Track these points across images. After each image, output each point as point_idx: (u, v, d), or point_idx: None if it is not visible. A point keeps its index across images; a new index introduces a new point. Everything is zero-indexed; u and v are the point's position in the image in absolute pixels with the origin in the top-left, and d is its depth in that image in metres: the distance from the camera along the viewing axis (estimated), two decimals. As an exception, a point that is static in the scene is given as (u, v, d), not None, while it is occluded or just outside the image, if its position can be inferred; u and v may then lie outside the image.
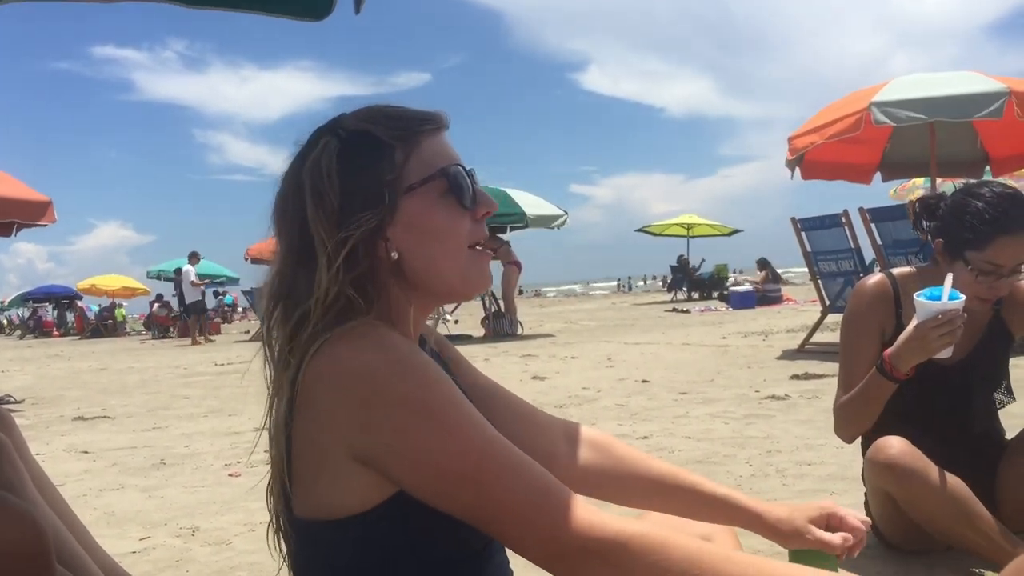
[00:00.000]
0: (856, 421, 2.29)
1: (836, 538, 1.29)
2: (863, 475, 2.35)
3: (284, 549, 1.13)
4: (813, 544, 1.30)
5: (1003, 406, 2.44)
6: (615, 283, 49.87)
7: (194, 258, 18.51)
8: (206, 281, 18.66)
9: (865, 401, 2.23)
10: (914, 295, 2.11)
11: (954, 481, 2.11)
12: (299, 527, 1.07)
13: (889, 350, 2.15)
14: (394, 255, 1.10)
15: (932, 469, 2.11)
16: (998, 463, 2.33)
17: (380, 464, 1.00)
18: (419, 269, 1.11)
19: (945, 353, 2.09)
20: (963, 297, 2.05)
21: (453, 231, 1.12)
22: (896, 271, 2.43)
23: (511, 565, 1.22)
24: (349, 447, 1.00)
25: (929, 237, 2.33)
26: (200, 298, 18.24)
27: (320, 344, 1.02)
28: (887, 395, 2.19)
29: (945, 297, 2.04)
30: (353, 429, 1.00)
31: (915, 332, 2.08)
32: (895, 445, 2.14)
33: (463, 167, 1.14)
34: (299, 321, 1.07)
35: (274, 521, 1.14)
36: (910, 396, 2.22)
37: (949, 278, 2.07)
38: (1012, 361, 2.47)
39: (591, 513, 0.98)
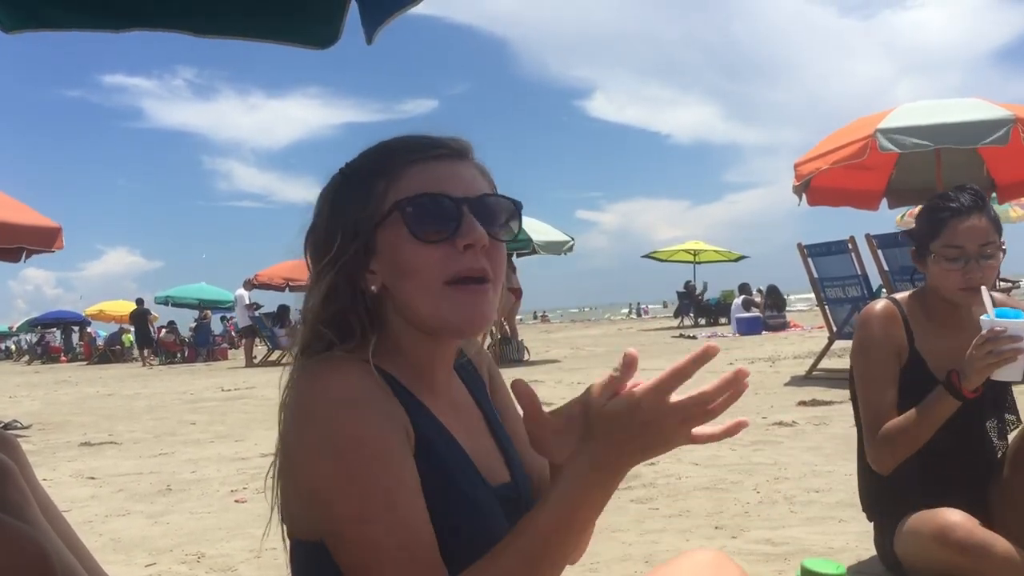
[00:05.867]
0: (910, 445, 2.23)
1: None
2: (892, 549, 2.32)
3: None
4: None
5: (1013, 428, 2.42)
6: (626, 309, 49.51)
7: (248, 284, 18.56)
8: (260, 305, 18.71)
9: (928, 423, 2.18)
10: (981, 317, 2.10)
11: (1014, 549, 2.10)
12: (291, 544, 1.12)
13: (956, 368, 2.13)
14: (373, 288, 1.09)
15: (999, 542, 2.09)
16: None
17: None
18: (400, 304, 1.10)
19: (1014, 375, 2.08)
20: None
21: (418, 265, 1.06)
22: (899, 296, 2.44)
23: None
24: (293, 471, 1.05)
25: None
26: (250, 323, 18.28)
27: (295, 374, 1.07)
28: (948, 414, 2.16)
29: (992, 314, 2.08)
30: (290, 454, 1.04)
31: (984, 348, 2.06)
32: (961, 523, 2.11)
33: (438, 196, 1.07)
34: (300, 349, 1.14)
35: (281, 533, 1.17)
36: None
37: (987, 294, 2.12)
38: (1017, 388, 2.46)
39: None
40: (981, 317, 2.10)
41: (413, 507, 1.00)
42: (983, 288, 2.18)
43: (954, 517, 2.13)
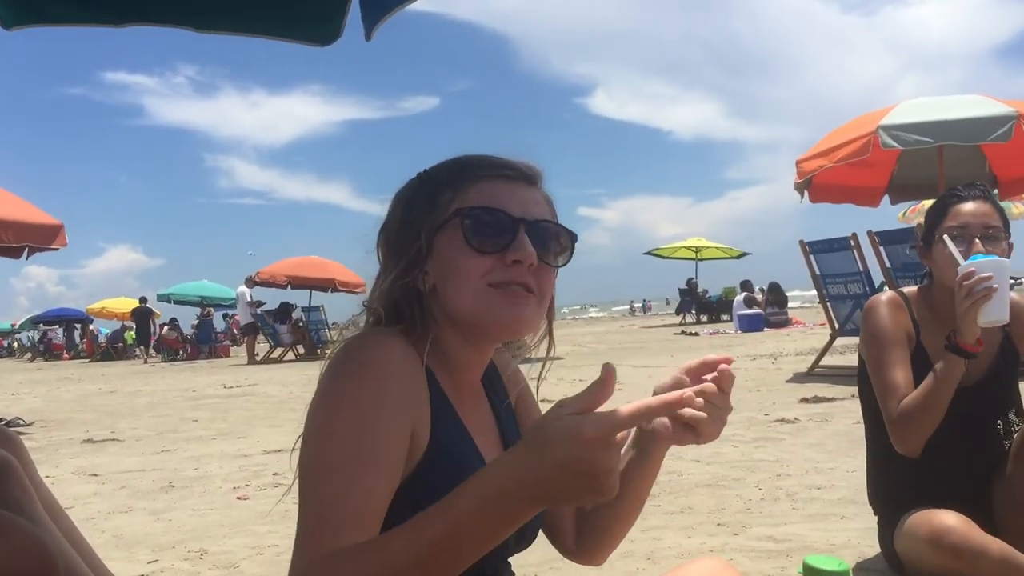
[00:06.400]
0: (929, 417, 2.21)
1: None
2: (894, 547, 2.33)
3: None
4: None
5: (1017, 429, 2.41)
6: (624, 307, 49.46)
7: (251, 281, 18.52)
8: (262, 303, 18.70)
9: (940, 390, 2.17)
10: (958, 268, 2.16)
11: (1009, 551, 2.10)
12: None
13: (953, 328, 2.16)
14: (425, 286, 1.16)
15: (994, 545, 2.10)
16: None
17: None
18: (445, 304, 1.15)
19: (1000, 315, 2.10)
20: (998, 257, 2.16)
21: (467, 269, 1.13)
22: (904, 289, 2.46)
23: None
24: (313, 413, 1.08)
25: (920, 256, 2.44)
26: (252, 320, 18.28)
27: (352, 338, 1.13)
28: (959, 377, 2.17)
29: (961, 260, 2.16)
30: (314, 400, 1.08)
31: (960, 292, 2.10)
32: (956, 527, 2.11)
33: (497, 211, 1.13)
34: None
35: None
36: None
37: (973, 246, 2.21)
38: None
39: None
40: (958, 269, 2.16)
41: (375, 474, 1.01)
42: (946, 237, 2.24)
43: (949, 520, 2.13)
